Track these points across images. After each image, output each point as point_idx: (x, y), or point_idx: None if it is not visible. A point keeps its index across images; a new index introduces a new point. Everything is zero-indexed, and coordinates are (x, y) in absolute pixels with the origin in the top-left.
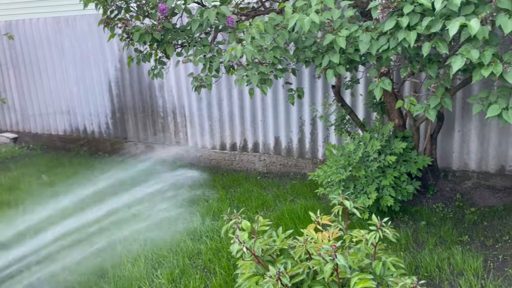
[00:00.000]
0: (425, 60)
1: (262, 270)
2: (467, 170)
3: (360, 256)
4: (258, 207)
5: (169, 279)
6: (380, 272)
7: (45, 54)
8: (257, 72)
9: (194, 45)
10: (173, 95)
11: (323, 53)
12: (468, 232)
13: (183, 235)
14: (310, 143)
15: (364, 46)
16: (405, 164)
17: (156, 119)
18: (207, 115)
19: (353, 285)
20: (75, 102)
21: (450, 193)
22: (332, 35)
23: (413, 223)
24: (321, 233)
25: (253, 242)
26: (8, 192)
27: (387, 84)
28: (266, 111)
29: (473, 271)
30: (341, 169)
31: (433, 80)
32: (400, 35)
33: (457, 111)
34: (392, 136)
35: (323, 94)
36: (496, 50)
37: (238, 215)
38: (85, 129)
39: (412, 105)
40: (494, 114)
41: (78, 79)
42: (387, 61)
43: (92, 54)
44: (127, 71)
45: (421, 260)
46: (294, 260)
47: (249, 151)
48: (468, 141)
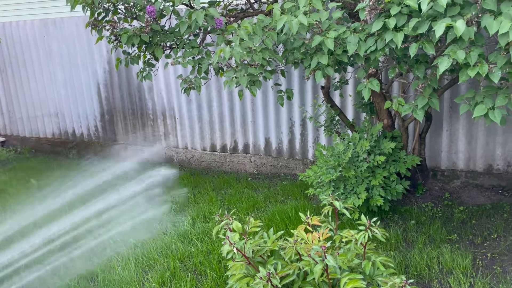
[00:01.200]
0: (412, 61)
1: (253, 271)
2: (456, 169)
3: (350, 256)
4: (249, 209)
5: (160, 282)
6: (370, 271)
7: (33, 57)
8: (246, 73)
9: (183, 47)
10: (162, 97)
11: (312, 55)
12: (457, 230)
13: (174, 237)
14: (300, 144)
15: (352, 48)
16: (394, 164)
17: (146, 122)
18: (197, 117)
19: (343, 286)
20: (64, 105)
21: (439, 192)
22: (320, 37)
23: (402, 222)
24: (311, 234)
25: (244, 243)
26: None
27: (375, 85)
28: (256, 113)
29: (462, 269)
30: (331, 170)
31: (420, 81)
32: (388, 36)
33: (445, 110)
34: (381, 136)
35: (313, 95)
36: (482, 51)
37: (229, 216)
38: (73, 132)
39: (400, 106)
40: (480, 114)
41: (66, 81)
42: (375, 62)
43: (80, 56)
44: (115, 73)
45: (410, 259)
46: (285, 261)
47: (240, 152)
48: (456, 140)
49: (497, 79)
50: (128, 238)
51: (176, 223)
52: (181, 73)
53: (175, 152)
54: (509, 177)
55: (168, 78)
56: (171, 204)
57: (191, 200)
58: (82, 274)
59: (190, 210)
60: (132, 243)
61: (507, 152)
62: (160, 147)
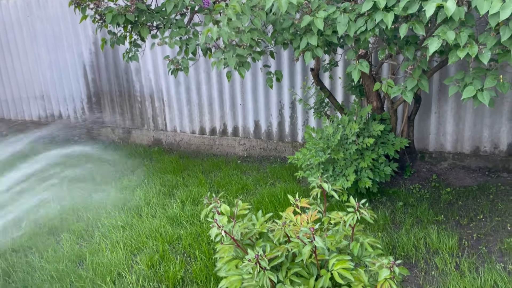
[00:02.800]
0: (402, 42)
1: (242, 254)
2: (443, 151)
3: (338, 238)
4: (238, 191)
5: (149, 265)
6: (358, 253)
7: (16, 37)
8: (234, 54)
9: (169, 27)
10: (150, 79)
11: (301, 35)
12: (444, 212)
13: (163, 220)
14: (290, 127)
15: (342, 28)
16: (383, 146)
17: (134, 104)
18: (185, 100)
19: (331, 266)
20: (49, 87)
21: (427, 174)
22: (310, 17)
23: (390, 204)
24: (300, 216)
25: (232, 226)
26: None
27: (365, 66)
28: (245, 95)
29: (448, 250)
30: (320, 152)
31: (410, 62)
32: (378, 16)
33: (434, 92)
34: (370, 118)
35: (303, 77)
36: (472, 32)
37: (217, 199)
38: (60, 114)
39: (389, 87)
40: (469, 95)
41: (52, 62)
42: (365, 43)
43: (65, 37)
44: (102, 54)
45: (398, 240)
46: (273, 243)
47: (229, 135)
48: (444, 122)
49: (487, 60)
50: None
51: (165, 206)
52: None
53: (164, 135)
54: (496, 159)
55: (156, 59)
56: (159, 187)
57: (180, 183)
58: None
59: (179, 193)
60: (120, 226)
61: (494, 134)
62: (149, 129)
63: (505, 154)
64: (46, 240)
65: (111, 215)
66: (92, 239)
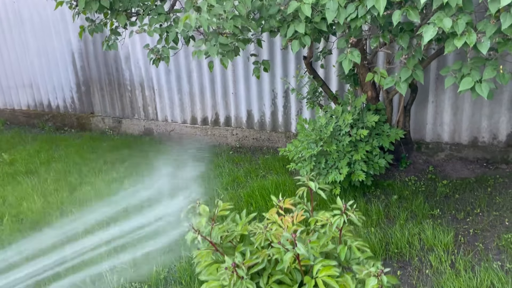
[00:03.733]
0: (396, 30)
1: (222, 258)
2: (440, 142)
3: (325, 241)
4: (228, 184)
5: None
6: (345, 256)
7: (3, 24)
8: (216, 43)
9: (149, 14)
10: (140, 67)
11: (289, 23)
12: (440, 205)
13: None
14: (283, 117)
15: (331, 15)
16: (378, 138)
17: (124, 93)
18: (176, 88)
19: (316, 273)
20: (38, 75)
21: (423, 166)
22: (296, 3)
23: (385, 197)
24: (284, 217)
25: (210, 229)
26: None
27: (356, 55)
28: (237, 84)
29: (444, 246)
30: (312, 144)
31: (404, 51)
32: (369, 2)
33: (431, 81)
34: (365, 109)
35: (296, 65)
36: (470, 19)
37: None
38: (49, 103)
39: (382, 78)
40: (467, 87)
41: (40, 50)
42: (356, 31)
43: (52, 23)
44: (90, 42)
45: (391, 236)
46: (255, 248)
47: (221, 125)
48: (442, 112)
49: (486, 49)
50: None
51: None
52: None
53: (155, 125)
54: (494, 150)
55: None
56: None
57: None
58: None
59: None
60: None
61: (493, 124)
62: (139, 119)
63: (504, 144)
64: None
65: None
66: None
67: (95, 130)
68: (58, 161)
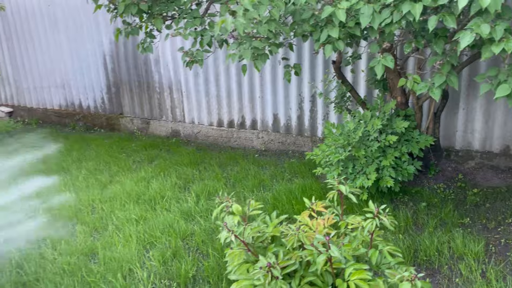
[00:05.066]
0: (430, 35)
1: (253, 258)
2: (471, 149)
3: (355, 245)
4: (254, 187)
5: (161, 261)
6: (376, 261)
7: (38, 26)
8: (250, 46)
9: (184, 17)
10: (169, 70)
11: (322, 27)
12: (470, 214)
13: (177, 215)
14: (309, 121)
15: (366, 20)
16: (407, 144)
17: (152, 95)
18: (204, 91)
19: (347, 276)
20: (70, 76)
21: (452, 173)
22: (331, 7)
23: (413, 204)
24: (316, 220)
25: (243, 229)
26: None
27: (389, 61)
28: (264, 87)
29: (474, 256)
30: (340, 149)
31: (438, 57)
32: (405, 7)
33: (462, 88)
34: (394, 114)
35: (324, 70)
36: (508, 25)
37: (229, 198)
38: (80, 103)
39: (415, 84)
40: (503, 94)
41: (72, 52)
42: (390, 36)
43: (86, 27)
44: (122, 44)
45: (420, 243)
46: (286, 249)
47: (247, 128)
48: (473, 120)
49: None
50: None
51: (179, 199)
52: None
53: (182, 127)
54: None
55: (175, 50)
56: (175, 180)
57: (196, 176)
58: (82, 250)
59: (195, 186)
60: (134, 219)
61: None
62: (167, 121)
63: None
64: (60, 231)
65: (126, 208)
66: (105, 232)
67: (123, 131)
68: (88, 160)
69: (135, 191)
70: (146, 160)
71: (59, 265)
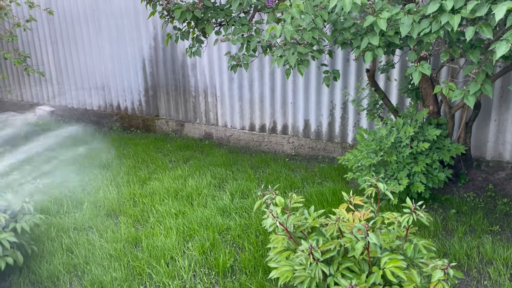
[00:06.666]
0: (467, 45)
1: (293, 246)
2: (502, 160)
3: (391, 237)
4: (286, 188)
5: (200, 252)
6: (411, 254)
7: (82, 30)
8: (294, 52)
9: (233, 24)
10: (205, 75)
11: (362, 35)
12: (499, 222)
13: (213, 211)
14: (340, 127)
15: (405, 29)
16: (438, 152)
17: (188, 98)
18: (237, 96)
19: (383, 264)
20: (110, 78)
21: (482, 183)
22: (373, 17)
23: (442, 210)
24: (353, 213)
25: (286, 218)
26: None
27: (427, 68)
28: (296, 94)
29: (503, 261)
30: (372, 154)
31: (474, 66)
32: (443, 18)
33: (494, 99)
34: (426, 122)
35: (356, 78)
36: None
37: (272, 191)
38: (118, 105)
39: (450, 91)
40: None
41: (113, 55)
42: (428, 45)
43: (127, 32)
44: (161, 49)
45: (449, 247)
46: (325, 238)
47: (278, 133)
48: (504, 131)
49: None
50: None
51: (215, 197)
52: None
53: (215, 130)
54: None
55: (212, 56)
56: (210, 179)
57: (229, 176)
58: (127, 239)
59: (229, 186)
60: (174, 213)
61: None
62: (201, 123)
63: None
64: (105, 221)
65: (165, 202)
66: (147, 224)
67: (159, 132)
68: (127, 158)
69: (173, 188)
70: (181, 160)
71: (106, 251)
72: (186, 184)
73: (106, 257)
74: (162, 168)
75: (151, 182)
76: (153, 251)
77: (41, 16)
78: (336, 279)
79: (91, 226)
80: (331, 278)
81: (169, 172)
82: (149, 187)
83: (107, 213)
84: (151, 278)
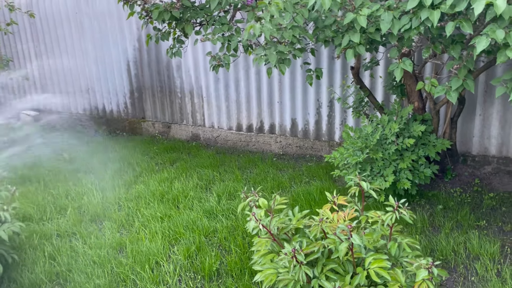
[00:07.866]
0: (448, 41)
1: (278, 248)
2: (487, 155)
3: (375, 237)
4: (273, 188)
5: (186, 255)
6: (395, 253)
7: (65, 33)
8: (275, 51)
9: (213, 24)
10: (190, 75)
11: (343, 33)
12: (486, 217)
13: (199, 213)
14: (327, 126)
15: (386, 26)
16: (424, 148)
17: (174, 100)
18: (224, 96)
19: (367, 265)
20: (94, 81)
21: (469, 178)
22: (353, 14)
23: (429, 207)
24: (337, 214)
25: (269, 220)
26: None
27: (408, 65)
28: (283, 93)
29: (490, 256)
30: (358, 152)
31: (455, 62)
32: (423, 14)
33: (479, 94)
34: (411, 119)
35: (341, 75)
36: None
37: (255, 193)
38: (103, 108)
39: (433, 87)
40: None
41: (97, 58)
42: (409, 41)
43: (111, 33)
44: (145, 50)
45: (436, 244)
46: (309, 239)
47: (266, 132)
48: (489, 125)
49: None
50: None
51: (201, 199)
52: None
53: (202, 131)
54: None
55: (197, 56)
56: (197, 181)
57: (216, 177)
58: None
59: (216, 187)
60: (159, 216)
61: None
62: (187, 125)
63: None
64: (89, 227)
65: (151, 206)
66: (132, 228)
67: (145, 134)
68: (113, 161)
69: (159, 191)
70: (168, 162)
71: (90, 258)
72: (172, 187)
73: (89, 264)
74: (148, 171)
75: (137, 185)
76: (138, 256)
77: (23, 19)
78: (320, 282)
79: (74, 232)
80: (315, 281)
81: (155, 175)
82: (134, 190)
83: (91, 218)
84: (135, 284)
